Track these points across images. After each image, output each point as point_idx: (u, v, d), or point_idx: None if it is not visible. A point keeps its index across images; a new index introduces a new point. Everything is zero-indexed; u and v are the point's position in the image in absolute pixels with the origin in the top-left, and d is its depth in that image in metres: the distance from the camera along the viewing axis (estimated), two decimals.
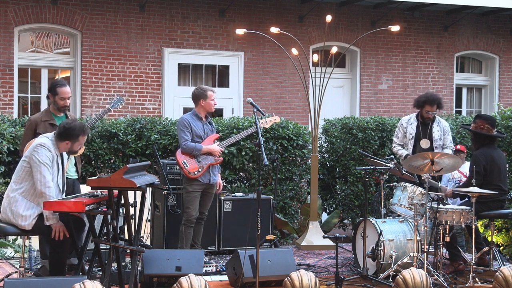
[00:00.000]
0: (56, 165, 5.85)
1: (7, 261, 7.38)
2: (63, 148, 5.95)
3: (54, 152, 5.84)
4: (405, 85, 13.25)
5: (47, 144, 5.81)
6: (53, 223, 5.66)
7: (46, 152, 5.75)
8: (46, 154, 5.75)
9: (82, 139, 5.98)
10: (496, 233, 8.19)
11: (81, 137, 5.95)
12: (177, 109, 11.63)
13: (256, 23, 12.01)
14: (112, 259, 5.94)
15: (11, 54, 10.88)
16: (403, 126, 7.88)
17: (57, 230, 5.66)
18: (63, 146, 5.94)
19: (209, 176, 7.34)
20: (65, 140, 5.90)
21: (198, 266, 6.38)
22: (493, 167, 7.29)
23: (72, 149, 5.98)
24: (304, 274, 5.91)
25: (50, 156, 5.77)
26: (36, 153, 5.73)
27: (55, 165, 5.84)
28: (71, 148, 5.96)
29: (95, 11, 11.29)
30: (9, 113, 10.49)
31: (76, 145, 5.96)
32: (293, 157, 9.34)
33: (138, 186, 5.54)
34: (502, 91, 14.03)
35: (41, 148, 5.75)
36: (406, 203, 7.04)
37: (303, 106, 12.12)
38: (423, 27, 13.33)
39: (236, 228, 8.02)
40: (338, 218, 9.68)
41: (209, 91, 7.35)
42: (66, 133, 5.89)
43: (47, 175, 5.70)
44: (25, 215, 5.71)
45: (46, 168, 5.71)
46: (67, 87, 6.99)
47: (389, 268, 6.82)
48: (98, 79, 11.32)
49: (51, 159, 5.78)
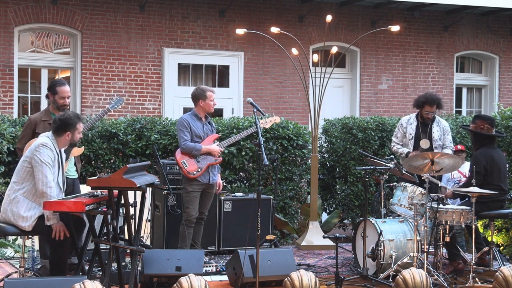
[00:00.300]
0: (57, 164, 5.86)
1: (7, 261, 7.38)
2: (64, 142, 5.94)
3: (55, 151, 5.84)
4: (405, 85, 13.25)
5: (49, 143, 5.81)
6: (53, 223, 5.66)
7: (48, 151, 5.75)
8: (48, 154, 5.75)
9: (80, 126, 5.99)
10: (496, 233, 8.19)
11: (79, 124, 5.96)
12: (177, 109, 11.62)
13: (256, 23, 12.01)
14: (112, 259, 5.94)
15: (11, 54, 10.88)
16: (403, 126, 7.88)
17: (58, 230, 5.66)
18: (64, 140, 5.93)
19: (208, 176, 7.34)
20: (65, 133, 5.89)
21: (198, 266, 6.38)
22: (493, 167, 7.29)
23: (73, 139, 5.97)
24: (304, 274, 5.91)
25: (52, 156, 5.77)
26: (38, 153, 5.73)
27: (56, 164, 5.84)
28: (72, 139, 5.95)
29: (95, 11, 11.29)
30: (9, 113, 10.49)
31: (76, 135, 5.96)
32: (293, 157, 9.34)
33: (138, 186, 5.54)
34: (502, 91, 14.03)
35: (43, 148, 5.75)
36: (406, 203, 7.04)
37: (303, 106, 12.12)
38: (423, 27, 13.33)
39: (236, 228, 8.02)
40: (338, 218, 9.68)
41: (208, 92, 7.35)
42: (64, 125, 5.89)
43: (48, 175, 5.70)
44: (26, 216, 5.71)
45: (48, 167, 5.71)
46: (67, 86, 7.00)
47: (389, 268, 6.82)
48: (98, 79, 11.32)
49: (53, 159, 5.79)
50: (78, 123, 5.96)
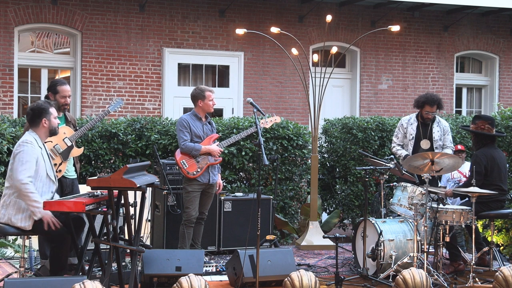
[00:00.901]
0: (42, 158, 5.80)
1: (7, 261, 7.38)
2: (44, 132, 5.87)
3: (37, 146, 5.78)
4: (405, 85, 13.25)
5: (28, 139, 5.75)
6: (40, 216, 5.61)
7: (26, 148, 5.67)
8: (25, 150, 5.66)
9: (53, 110, 5.92)
10: (496, 233, 8.18)
11: (51, 108, 5.90)
12: (177, 109, 11.63)
13: (256, 23, 12.01)
14: (112, 259, 5.93)
15: (11, 54, 10.89)
16: (403, 126, 7.88)
17: (50, 221, 5.62)
18: (43, 129, 5.86)
19: (208, 176, 7.33)
20: (41, 120, 5.83)
21: (198, 266, 6.37)
22: (494, 167, 7.29)
23: (51, 125, 5.88)
24: (304, 274, 5.91)
25: (30, 151, 5.68)
26: (16, 152, 5.69)
27: (41, 158, 5.78)
28: (50, 125, 5.87)
29: (95, 11, 11.29)
30: (9, 113, 10.50)
31: (52, 119, 5.88)
32: (293, 157, 9.34)
33: (138, 186, 5.54)
34: (502, 91, 14.03)
35: (19, 146, 5.70)
36: (406, 203, 7.04)
37: (303, 106, 12.12)
38: (423, 27, 13.33)
39: (236, 228, 8.02)
40: (338, 218, 9.68)
41: (207, 92, 7.34)
42: (37, 112, 5.84)
43: (25, 171, 5.62)
44: (22, 217, 5.67)
45: (24, 164, 5.62)
46: (67, 86, 7.00)
47: (389, 268, 6.81)
48: (98, 79, 11.32)
49: (34, 154, 5.70)
50: (50, 107, 5.90)
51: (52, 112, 5.91)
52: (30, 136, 5.80)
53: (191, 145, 7.22)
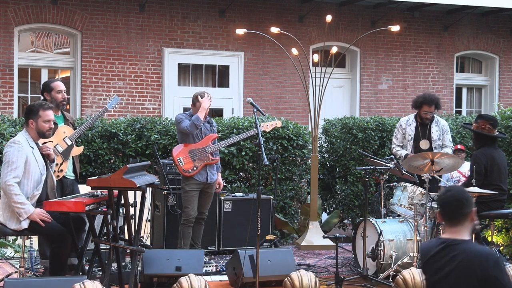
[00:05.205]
0: (34, 157, 5.76)
1: (7, 261, 7.38)
2: (33, 133, 5.82)
3: (28, 146, 5.75)
4: (405, 85, 13.25)
5: (17, 140, 5.73)
6: (26, 216, 5.56)
7: (12, 149, 5.66)
8: (11, 152, 5.65)
9: (45, 114, 5.81)
10: (496, 233, 8.18)
11: (42, 112, 5.80)
12: (177, 109, 11.61)
13: (256, 23, 12.01)
14: (112, 259, 5.94)
15: (11, 54, 10.89)
16: (402, 127, 7.88)
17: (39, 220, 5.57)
18: (31, 130, 5.81)
19: (206, 175, 7.34)
20: (28, 120, 5.81)
21: (198, 266, 6.37)
22: (494, 167, 7.28)
23: (39, 128, 5.81)
24: (304, 274, 5.91)
25: (20, 153, 5.66)
26: (4, 151, 5.69)
27: (33, 157, 5.74)
28: (37, 127, 5.80)
29: (95, 11, 11.29)
30: (9, 113, 10.50)
31: (41, 123, 5.80)
32: (293, 157, 9.34)
33: (138, 186, 5.54)
34: (502, 91, 14.03)
35: (6, 148, 5.70)
36: (406, 203, 7.04)
37: (303, 106, 12.12)
38: (423, 27, 13.33)
39: (236, 228, 8.02)
40: (338, 218, 9.68)
41: (199, 96, 7.42)
42: (26, 113, 5.85)
43: (11, 173, 5.59)
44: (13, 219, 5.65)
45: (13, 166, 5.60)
46: (60, 81, 7.00)
47: (389, 268, 6.81)
48: (98, 79, 11.32)
49: (24, 156, 5.67)
50: (42, 111, 5.80)
51: (42, 115, 5.80)
52: (22, 137, 5.79)
53: (191, 122, 7.22)
